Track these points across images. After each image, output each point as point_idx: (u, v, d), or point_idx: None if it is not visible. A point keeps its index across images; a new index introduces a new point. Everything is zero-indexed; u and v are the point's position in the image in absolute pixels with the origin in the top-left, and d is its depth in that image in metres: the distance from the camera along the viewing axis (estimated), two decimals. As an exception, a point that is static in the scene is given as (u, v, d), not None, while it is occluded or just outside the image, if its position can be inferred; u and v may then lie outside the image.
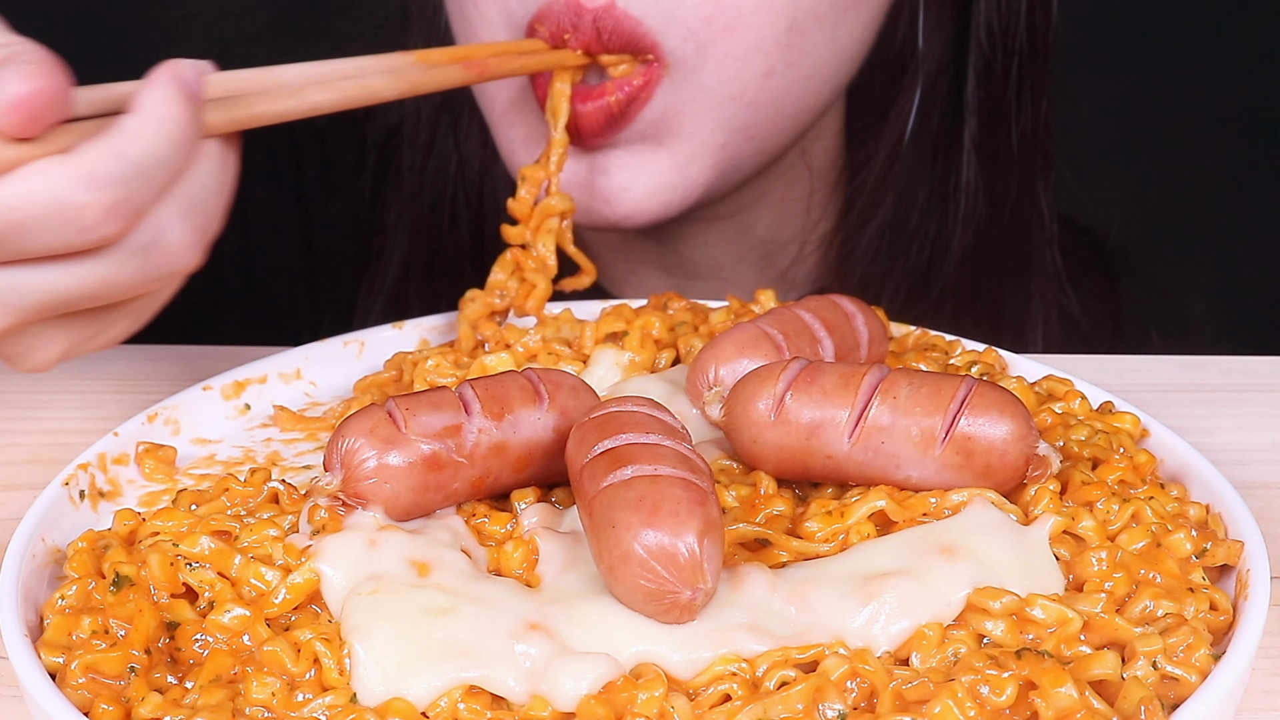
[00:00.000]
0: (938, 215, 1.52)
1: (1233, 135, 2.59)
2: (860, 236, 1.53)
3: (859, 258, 1.53)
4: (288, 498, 0.90)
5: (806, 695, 0.72)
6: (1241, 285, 2.47)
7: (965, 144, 1.49)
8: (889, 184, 1.51)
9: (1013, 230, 1.55)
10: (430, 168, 1.60)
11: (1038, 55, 1.49)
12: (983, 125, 1.49)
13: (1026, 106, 1.50)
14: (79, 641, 0.78)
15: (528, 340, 1.10)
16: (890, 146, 1.50)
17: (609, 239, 1.62)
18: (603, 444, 0.81)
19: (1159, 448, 0.97)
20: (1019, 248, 1.56)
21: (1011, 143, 1.50)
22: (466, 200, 1.60)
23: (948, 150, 1.51)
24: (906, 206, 1.52)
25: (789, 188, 1.56)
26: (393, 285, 1.65)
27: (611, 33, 1.20)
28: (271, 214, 1.75)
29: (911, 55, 1.46)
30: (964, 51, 1.47)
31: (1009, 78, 1.48)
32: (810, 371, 0.88)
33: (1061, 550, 0.83)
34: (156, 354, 1.27)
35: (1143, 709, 0.72)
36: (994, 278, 1.56)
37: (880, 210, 1.52)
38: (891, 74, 1.48)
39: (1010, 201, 1.52)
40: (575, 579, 0.80)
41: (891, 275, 1.53)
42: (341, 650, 0.76)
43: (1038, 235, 1.57)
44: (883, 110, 1.50)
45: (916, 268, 1.53)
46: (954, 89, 1.49)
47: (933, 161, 1.51)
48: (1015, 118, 1.49)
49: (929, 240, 1.52)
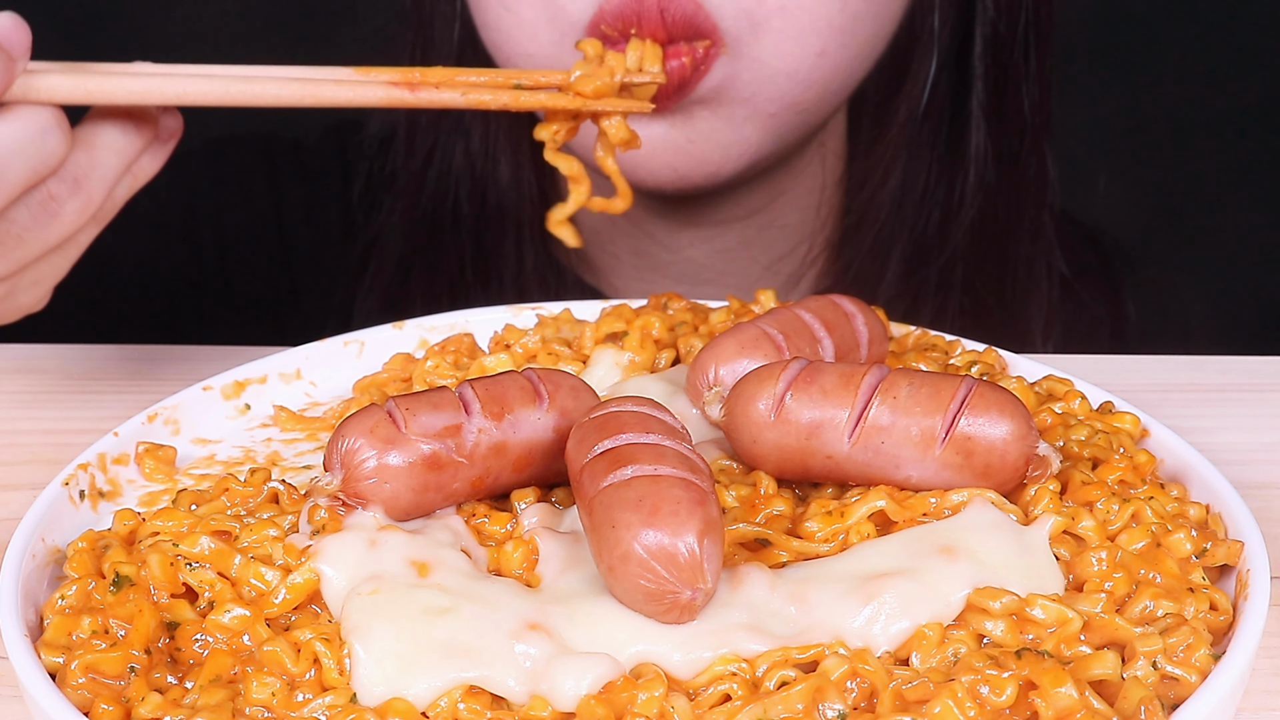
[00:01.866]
0: (946, 183, 1.54)
1: (1233, 135, 2.59)
2: (869, 207, 1.55)
3: (867, 227, 1.55)
4: (288, 498, 0.90)
5: (806, 695, 0.72)
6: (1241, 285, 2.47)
7: (974, 110, 1.53)
8: (898, 157, 1.53)
9: (1020, 194, 1.57)
10: (431, 170, 1.61)
11: (1042, 20, 1.53)
12: (990, 90, 1.53)
13: (1033, 71, 1.53)
14: (79, 641, 0.78)
15: (527, 341, 1.10)
16: (903, 119, 1.53)
17: (614, 245, 1.62)
18: (603, 444, 0.81)
19: (1159, 448, 0.97)
20: (1027, 211, 1.59)
21: (1022, 104, 1.54)
22: (469, 200, 1.60)
23: (953, 119, 1.54)
24: (915, 176, 1.55)
25: (805, 181, 1.57)
26: (390, 287, 1.65)
27: (675, 18, 1.26)
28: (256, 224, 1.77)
29: (924, 29, 1.50)
30: (969, 19, 1.51)
31: (1014, 44, 1.51)
32: (810, 371, 0.88)
33: (1061, 550, 0.83)
34: (156, 354, 1.27)
35: (1143, 709, 0.72)
36: (1002, 241, 1.58)
37: (890, 179, 1.54)
38: (897, 52, 1.50)
39: (1020, 163, 1.55)
40: (575, 579, 0.80)
41: (899, 241, 1.55)
42: (341, 650, 0.76)
43: (1043, 198, 1.60)
44: (895, 86, 1.53)
45: (925, 236, 1.55)
46: (959, 59, 1.52)
47: (937, 131, 1.54)
48: (1025, 80, 1.53)
49: (938, 205, 1.54)
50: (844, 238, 1.59)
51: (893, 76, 1.51)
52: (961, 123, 1.53)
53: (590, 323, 1.11)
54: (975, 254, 1.56)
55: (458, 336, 1.14)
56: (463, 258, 1.62)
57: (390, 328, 1.20)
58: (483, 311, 1.22)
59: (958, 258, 1.55)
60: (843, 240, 1.60)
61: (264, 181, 1.74)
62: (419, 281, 1.63)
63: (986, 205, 1.54)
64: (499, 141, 1.57)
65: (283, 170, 1.72)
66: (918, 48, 1.51)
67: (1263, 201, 2.61)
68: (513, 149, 1.58)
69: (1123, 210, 2.19)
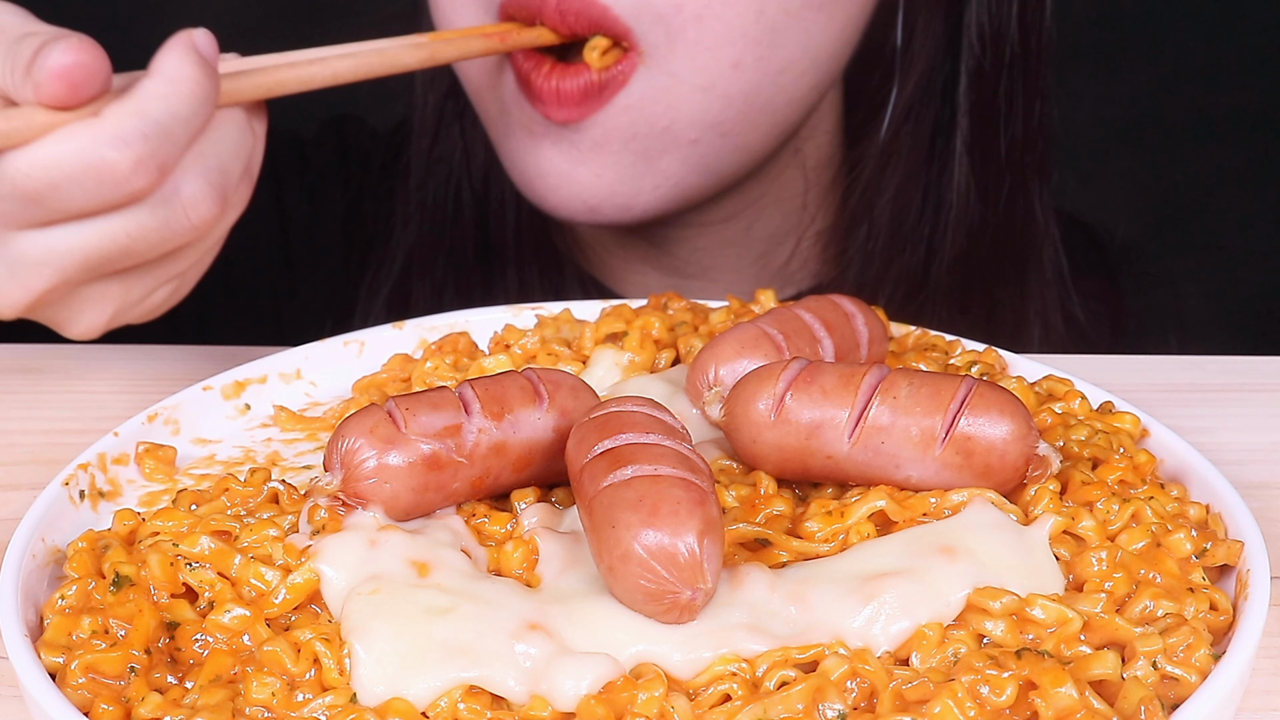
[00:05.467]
0: (931, 217, 1.53)
1: (1233, 135, 2.59)
2: (855, 235, 1.54)
3: (854, 255, 1.54)
4: (288, 498, 0.90)
5: (806, 695, 0.72)
6: (1241, 285, 2.47)
7: (957, 146, 1.50)
8: (883, 184, 1.52)
9: (1006, 234, 1.55)
10: (436, 157, 1.61)
11: (1030, 57, 1.50)
12: (974, 127, 1.50)
13: (1018, 110, 1.51)
14: (79, 641, 0.78)
15: (526, 342, 1.10)
16: (880, 146, 1.51)
17: (607, 240, 1.62)
18: (603, 444, 0.81)
19: (1159, 448, 0.97)
20: (1013, 251, 1.56)
21: (1000, 146, 1.51)
22: (472, 191, 1.61)
23: (942, 151, 1.52)
24: (901, 207, 1.53)
25: (785, 187, 1.56)
26: (397, 277, 1.65)
27: (576, 15, 1.27)
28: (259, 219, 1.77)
29: (893, 56, 1.48)
30: (957, 52, 1.49)
31: (999, 80, 1.49)
32: (810, 371, 0.88)
33: (1061, 550, 0.83)
34: (156, 354, 1.27)
35: (1143, 709, 0.72)
36: (988, 280, 1.56)
37: (875, 209, 1.53)
38: (885, 73, 1.49)
39: (1002, 204, 1.53)
40: (575, 579, 0.80)
41: (887, 276, 1.54)
42: (341, 650, 0.76)
43: (1033, 239, 1.57)
44: (876, 109, 1.51)
45: (911, 268, 1.54)
46: (948, 90, 1.50)
47: (928, 163, 1.52)
48: (1006, 121, 1.51)
49: (923, 241, 1.53)
50: (835, 233, 1.59)
51: (871, 104, 1.50)
52: (947, 158, 1.51)
53: (590, 323, 1.11)
54: (969, 249, 1.55)
55: (455, 336, 1.14)
56: (468, 249, 1.62)
57: (390, 328, 1.20)
58: (482, 311, 1.22)
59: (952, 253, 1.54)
60: (834, 235, 1.59)
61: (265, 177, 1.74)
62: (422, 271, 1.63)
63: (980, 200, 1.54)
64: None
65: (284, 165, 1.71)
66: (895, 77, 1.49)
67: (1263, 201, 2.61)
68: None
69: (1123, 210, 2.19)
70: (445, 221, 1.62)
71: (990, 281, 1.57)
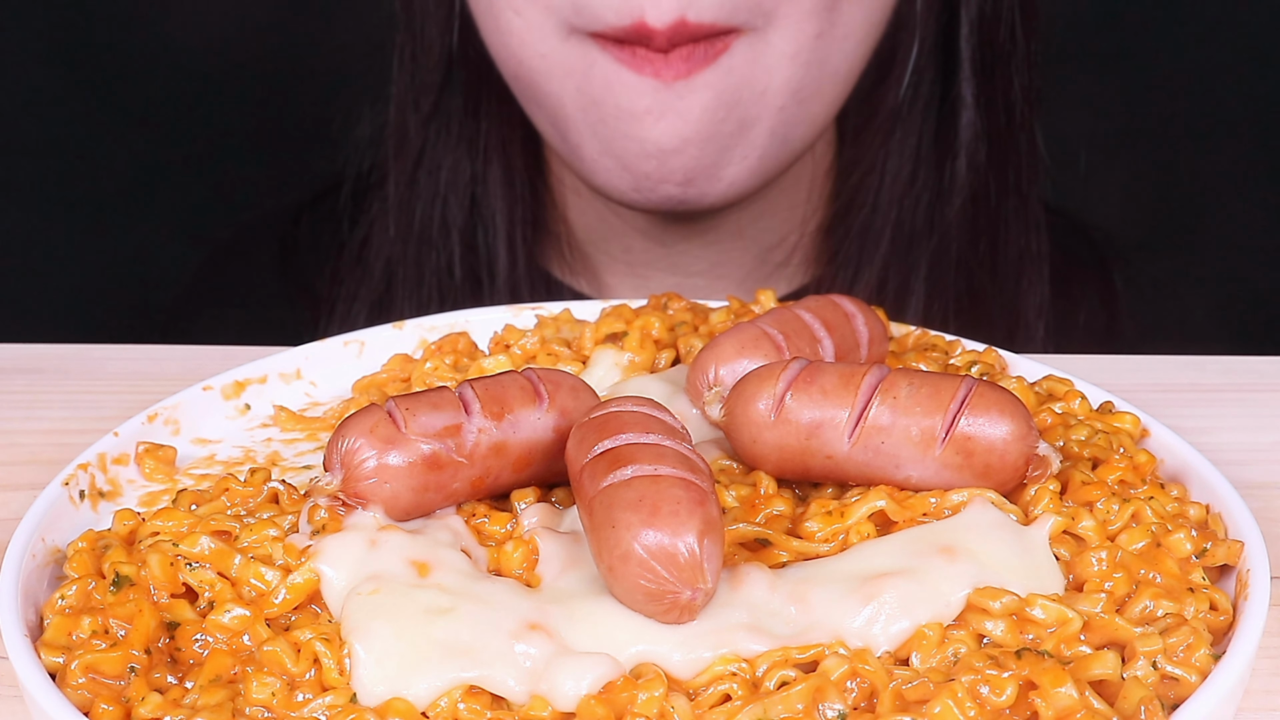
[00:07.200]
0: (935, 167, 1.57)
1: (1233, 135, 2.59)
2: (858, 192, 1.58)
3: (856, 213, 1.57)
4: (288, 498, 0.90)
5: (806, 695, 0.72)
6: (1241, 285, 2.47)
7: (962, 92, 1.56)
8: (886, 142, 1.56)
9: (1011, 173, 1.59)
10: (420, 175, 1.61)
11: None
12: (978, 71, 1.56)
13: (1021, 46, 1.57)
14: (79, 641, 0.78)
15: (526, 342, 1.10)
16: (891, 104, 1.56)
17: (606, 243, 1.62)
18: (603, 444, 0.81)
19: (1159, 448, 0.97)
20: (1018, 191, 1.60)
21: (1012, 83, 1.57)
22: (459, 205, 1.61)
23: (942, 103, 1.57)
24: (903, 161, 1.58)
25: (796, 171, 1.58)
26: (378, 292, 1.65)
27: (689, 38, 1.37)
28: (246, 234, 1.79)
29: (910, 15, 1.54)
30: (954, 3, 1.55)
31: (1001, 20, 1.55)
32: (810, 371, 0.88)
33: (1061, 550, 0.83)
34: (156, 354, 1.27)
35: (1143, 709, 0.72)
36: (993, 225, 1.59)
37: (879, 164, 1.57)
38: (882, 40, 1.52)
39: (1011, 141, 1.58)
40: (575, 579, 0.80)
41: (888, 226, 1.57)
42: (341, 650, 0.76)
43: (1035, 175, 1.62)
44: (882, 73, 1.56)
45: (915, 221, 1.57)
46: (946, 42, 1.56)
47: (924, 116, 1.56)
48: (1014, 58, 1.57)
49: (928, 190, 1.57)
50: (833, 224, 1.60)
51: (878, 64, 1.53)
52: (950, 106, 1.56)
53: (590, 323, 1.11)
54: (966, 238, 1.57)
55: (455, 336, 1.14)
56: (451, 260, 1.62)
57: (390, 328, 1.20)
58: (482, 311, 1.22)
59: (950, 240, 1.56)
60: (831, 226, 1.60)
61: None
62: (407, 284, 1.64)
63: (978, 186, 1.56)
64: (491, 141, 1.58)
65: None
66: (902, 34, 1.54)
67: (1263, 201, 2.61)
68: (503, 148, 1.58)
69: (1122, 210, 2.19)
70: (431, 237, 1.62)
71: (989, 281, 1.58)
